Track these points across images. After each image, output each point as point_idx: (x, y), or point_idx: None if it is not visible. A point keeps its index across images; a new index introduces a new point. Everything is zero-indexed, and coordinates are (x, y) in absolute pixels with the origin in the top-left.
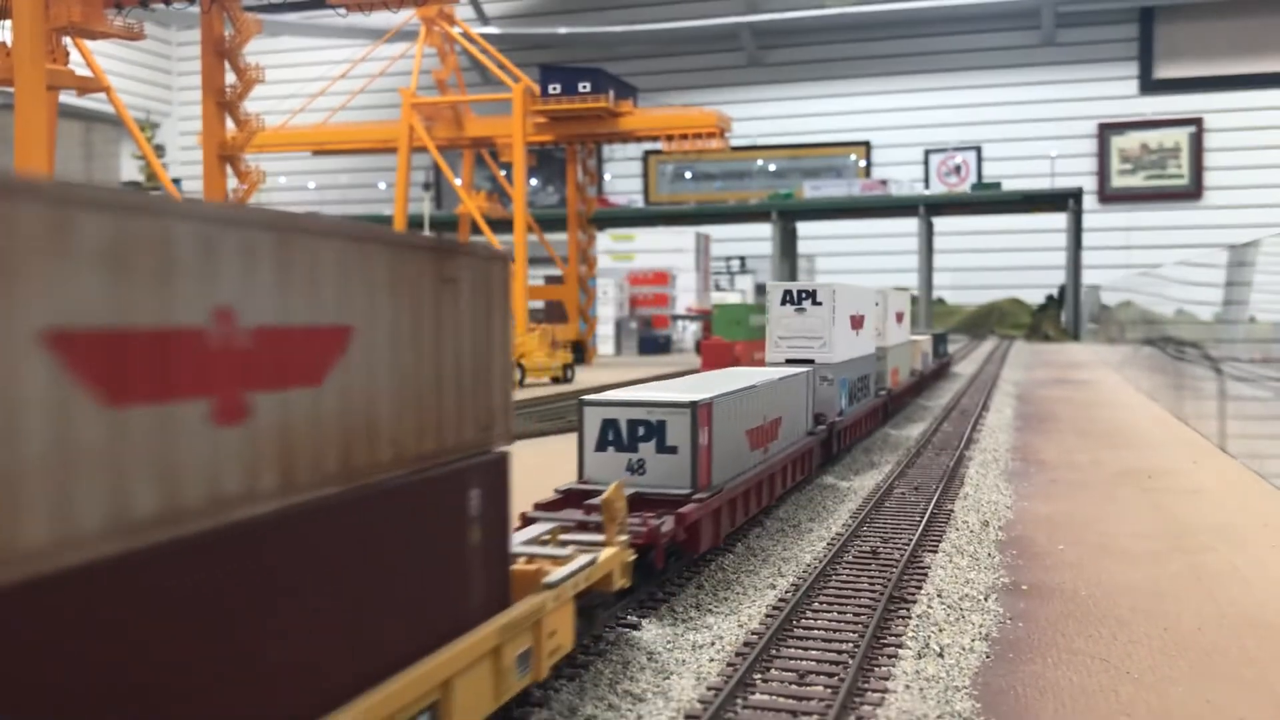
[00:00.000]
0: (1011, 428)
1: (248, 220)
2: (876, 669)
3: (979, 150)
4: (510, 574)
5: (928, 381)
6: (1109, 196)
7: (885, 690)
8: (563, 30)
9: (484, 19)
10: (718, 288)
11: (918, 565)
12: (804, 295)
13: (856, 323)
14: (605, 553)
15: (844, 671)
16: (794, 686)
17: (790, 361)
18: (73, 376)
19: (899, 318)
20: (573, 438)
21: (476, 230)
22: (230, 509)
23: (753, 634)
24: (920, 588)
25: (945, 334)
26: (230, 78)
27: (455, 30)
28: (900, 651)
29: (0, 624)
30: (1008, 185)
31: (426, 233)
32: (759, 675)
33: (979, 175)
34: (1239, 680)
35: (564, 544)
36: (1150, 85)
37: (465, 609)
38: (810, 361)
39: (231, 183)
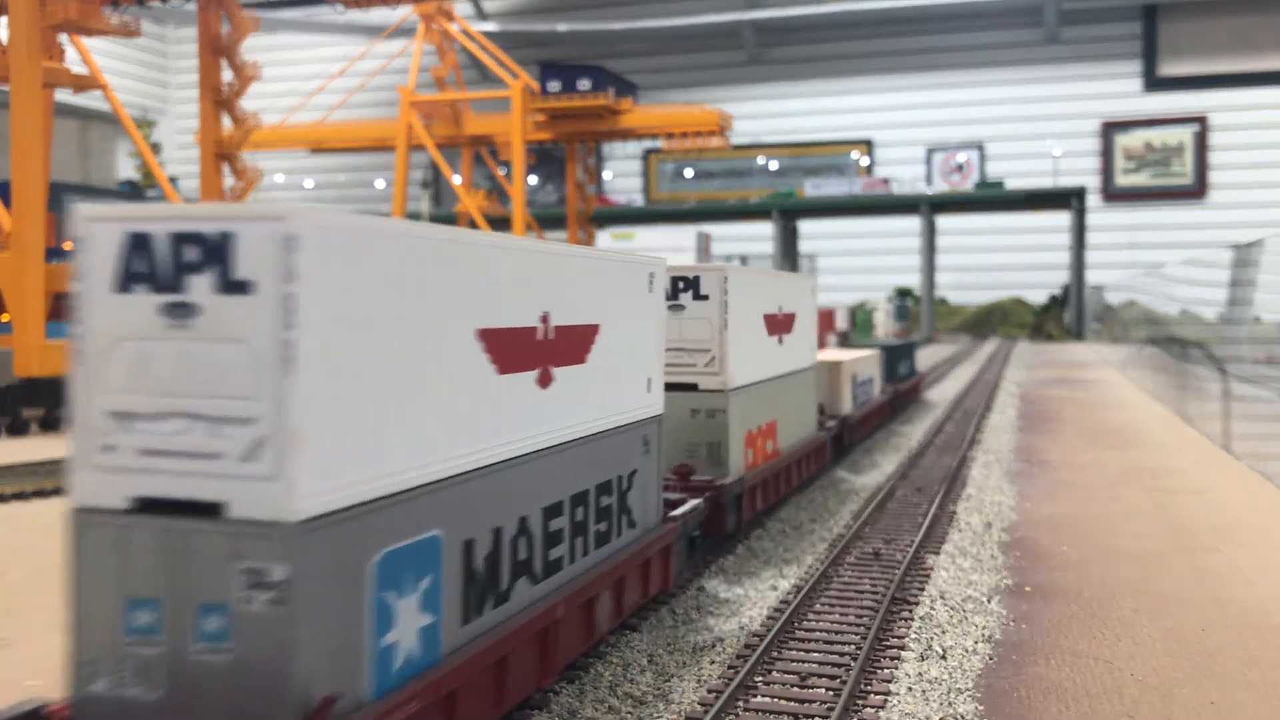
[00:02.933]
0: (1014, 428)
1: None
2: (879, 671)
3: (982, 148)
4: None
5: (867, 426)
6: (1113, 195)
7: (888, 693)
8: (562, 27)
9: (483, 16)
10: None
11: (920, 567)
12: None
13: (525, 350)
14: None
15: (846, 674)
16: (796, 689)
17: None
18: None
19: (785, 323)
20: None
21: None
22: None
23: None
24: (923, 589)
25: (911, 344)
26: (227, 75)
27: (454, 27)
28: (903, 653)
29: None
30: (1011, 184)
31: None
32: (760, 678)
33: (982, 174)
34: (1243, 681)
35: None
36: (1154, 83)
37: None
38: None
39: (228, 180)
